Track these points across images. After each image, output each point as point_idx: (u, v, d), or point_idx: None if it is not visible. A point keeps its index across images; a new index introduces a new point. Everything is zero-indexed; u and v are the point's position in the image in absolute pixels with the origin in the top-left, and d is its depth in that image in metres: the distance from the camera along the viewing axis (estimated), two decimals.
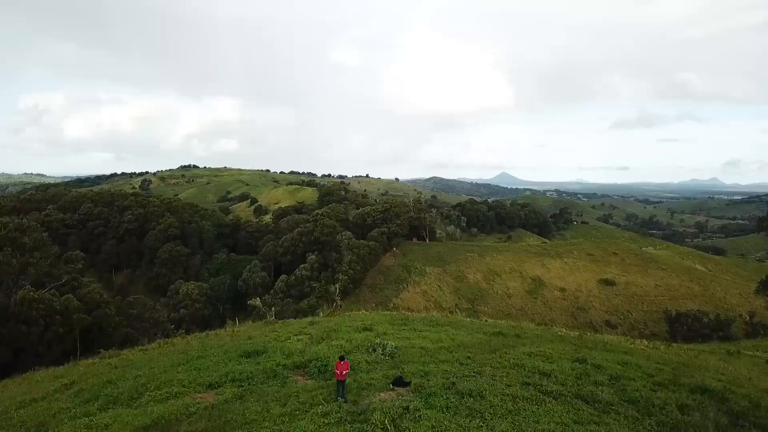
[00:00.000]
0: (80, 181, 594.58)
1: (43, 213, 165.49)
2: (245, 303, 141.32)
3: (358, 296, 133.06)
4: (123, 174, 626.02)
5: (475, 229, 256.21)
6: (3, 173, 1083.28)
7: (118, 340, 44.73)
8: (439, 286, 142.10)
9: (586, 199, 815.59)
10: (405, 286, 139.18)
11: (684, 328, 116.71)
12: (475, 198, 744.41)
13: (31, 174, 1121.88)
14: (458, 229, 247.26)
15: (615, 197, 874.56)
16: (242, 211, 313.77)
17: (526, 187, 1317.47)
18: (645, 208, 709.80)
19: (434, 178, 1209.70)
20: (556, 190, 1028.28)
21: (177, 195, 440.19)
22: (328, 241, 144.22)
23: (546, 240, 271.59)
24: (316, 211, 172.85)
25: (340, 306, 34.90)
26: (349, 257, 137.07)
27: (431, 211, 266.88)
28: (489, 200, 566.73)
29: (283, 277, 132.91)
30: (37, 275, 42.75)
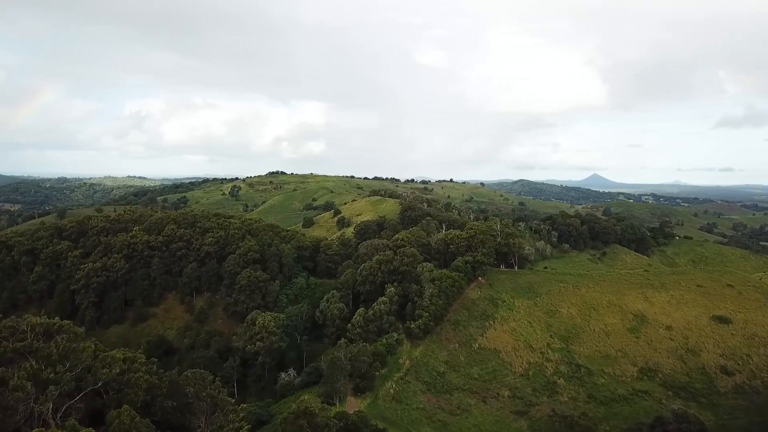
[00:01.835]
0: (175, 186, 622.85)
1: (129, 234, 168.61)
2: (322, 334, 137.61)
3: (439, 334, 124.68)
4: (215, 179, 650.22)
5: (567, 245, 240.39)
6: (109, 176, 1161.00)
7: None
8: (529, 322, 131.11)
9: (686, 205, 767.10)
10: (491, 322, 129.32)
11: None
12: (564, 203, 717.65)
13: (134, 177, 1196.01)
14: (548, 245, 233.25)
15: (718, 201, 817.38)
16: (326, 221, 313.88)
17: (620, 190, 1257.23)
18: (753, 215, 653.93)
19: (522, 180, 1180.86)
20: (653, 194, 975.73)
21: (265, 201, 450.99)
22: (408, 272, 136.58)
23: (644, 257, 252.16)
24: (396, 236, 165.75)
25: None
26: (430, 290, 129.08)
27: (519, 226, 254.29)
28: (580, 208, 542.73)
29: (361, 310, 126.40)
30: (62, 392, 37.78)
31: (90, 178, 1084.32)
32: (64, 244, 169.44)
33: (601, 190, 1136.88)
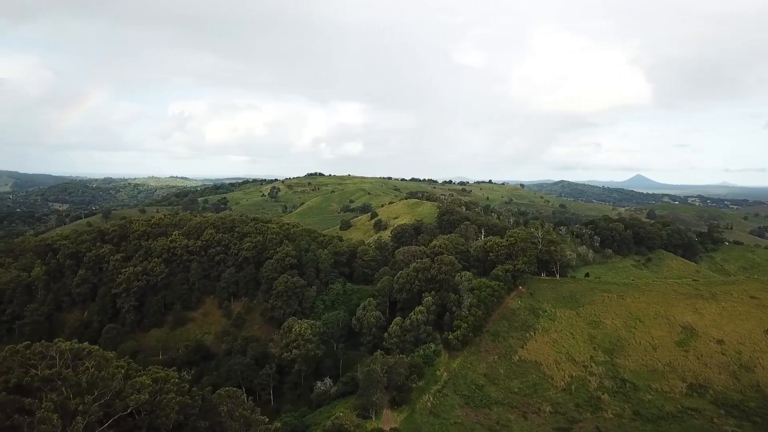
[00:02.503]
0: (216, 187, 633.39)
1: (169, 239, 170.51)
2: (359, 342, 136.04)
3: (478, 346, 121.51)
4: (254, 181, 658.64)
5: (610, 250, 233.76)
6: (152, 176, 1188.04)
7: None
8: (572, 333, 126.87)
9: (735, 207, 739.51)
10: (532, 333, 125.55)
11: None
12: (606, 205, 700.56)
13: (176, 177, 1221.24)
14: (591, 250, 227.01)
15: None
16: (363, 224, 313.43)
17: (664, 191, 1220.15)
18: None
19: (562, 181, 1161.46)
20: (699, 196, 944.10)
21: (303, 203, 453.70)
22: (446, 280, 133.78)
23: (692, 263, 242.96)
24: (434, 242, 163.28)
25: None
26: (469, 300, 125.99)
27: (560, 230, 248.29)
28: (623, 210, 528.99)
29: (398, 320, 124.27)
30: (90, 421, 36.75)
31: (134, 179, 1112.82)
32: (106, 247, 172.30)
33: (644, 192, 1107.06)
